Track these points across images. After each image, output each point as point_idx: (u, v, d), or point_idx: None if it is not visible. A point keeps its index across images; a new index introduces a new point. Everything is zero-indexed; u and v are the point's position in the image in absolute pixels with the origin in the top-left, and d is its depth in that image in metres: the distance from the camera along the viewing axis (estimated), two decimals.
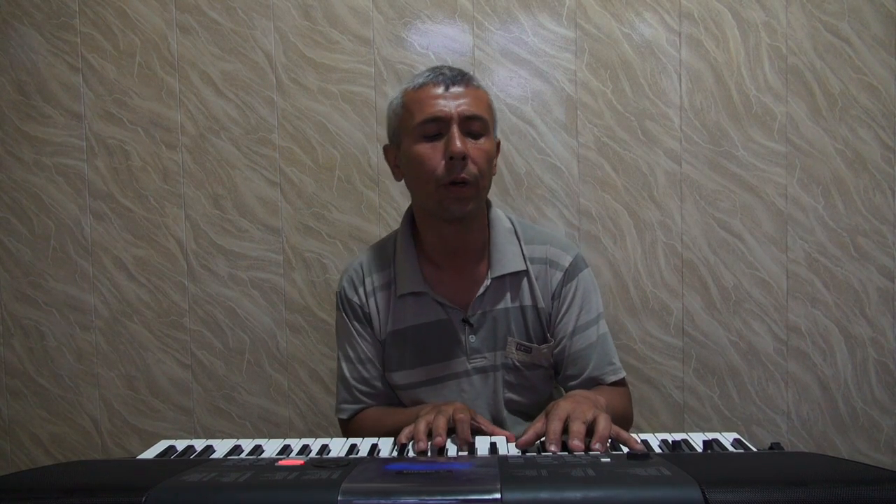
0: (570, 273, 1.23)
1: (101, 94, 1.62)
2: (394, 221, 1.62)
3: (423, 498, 0.65)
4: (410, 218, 1.25)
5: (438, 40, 1.60)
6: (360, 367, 1.24)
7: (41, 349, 1.67)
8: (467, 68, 1.58)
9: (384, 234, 1.61)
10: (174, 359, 1.66)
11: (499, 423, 1.22)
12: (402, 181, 1.21)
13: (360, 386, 1.24)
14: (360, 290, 1.24)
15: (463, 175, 1.10)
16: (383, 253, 1.26)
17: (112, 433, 1.67)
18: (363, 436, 1.10)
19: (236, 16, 1.60)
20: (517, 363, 1.22)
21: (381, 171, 1.61)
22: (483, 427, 1.01)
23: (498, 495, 0.65)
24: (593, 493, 0.65)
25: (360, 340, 1.24)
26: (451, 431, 1.23)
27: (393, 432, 1.02)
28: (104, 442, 1.67)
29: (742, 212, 1.61)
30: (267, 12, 1.60)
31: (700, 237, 1.61)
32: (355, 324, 1.24)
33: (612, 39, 1.59)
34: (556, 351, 1.25)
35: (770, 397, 1.63)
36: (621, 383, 1.26)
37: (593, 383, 1.24)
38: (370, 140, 1.61)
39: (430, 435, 0.95)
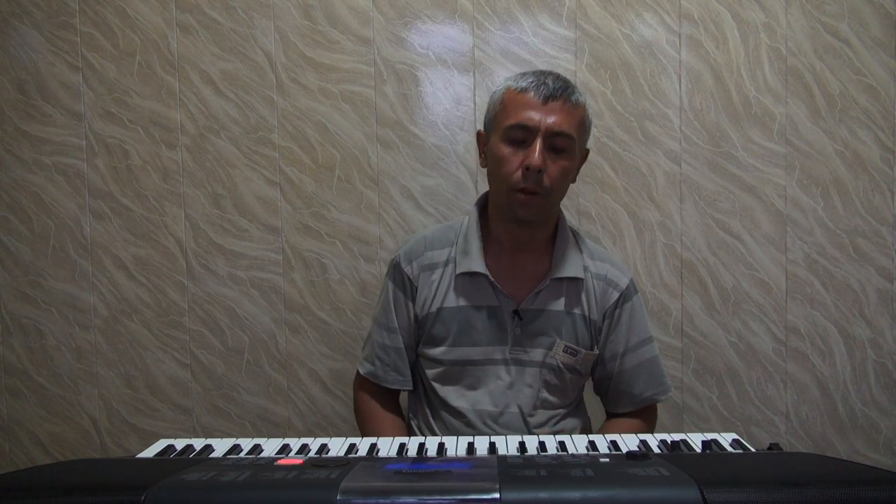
0: (626, 295, 1.29)
1: (101, 94, 1.62)
2: (393, 222, 1.62)
3: (421, 498, 0.66)
4: (483, 204, 1.31)
5: (439, 40, 1.60)
6: (385, 333, 1.31)
7: (40, 348, 1.67)
8: (467, 68, 1.58)
9: (384, 234, 1.62)
10: (173, 358, 1.66)
11: (526, 415, 1.26)
12: (485, 168, 1.26)
13: (379, 352, 1.31)
14: (415, 263, 1.29)
15: (534, 186, 1.15)
16: (448, 232, 1.31)
17: (111, 432, 1.67)
18: (360, 416, 1.34)
19: (236, 15, 1.60)
20: (561, 364, 1.26)
21: (381, 171, 1.61)
22: None
23: (497, 495, 0.65)
24: (592, 494, 0.65)
25: (394, 309, 1.30)
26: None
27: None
28: (103, 441, 1.67)
29: (741, 213, 1.61)
30: (267, 12, 1.60)
31: (699, 238, 1.62)
32: (398, 293, 1.29)
33: (611, 40, 1.59)
34: (604, 369, 1.31)
35: (769, 398, 1.63)
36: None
37: (645, 402, 1.31)
38: (370, 140, 1.61)
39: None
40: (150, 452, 0.94)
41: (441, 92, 1.60)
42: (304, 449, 0.94)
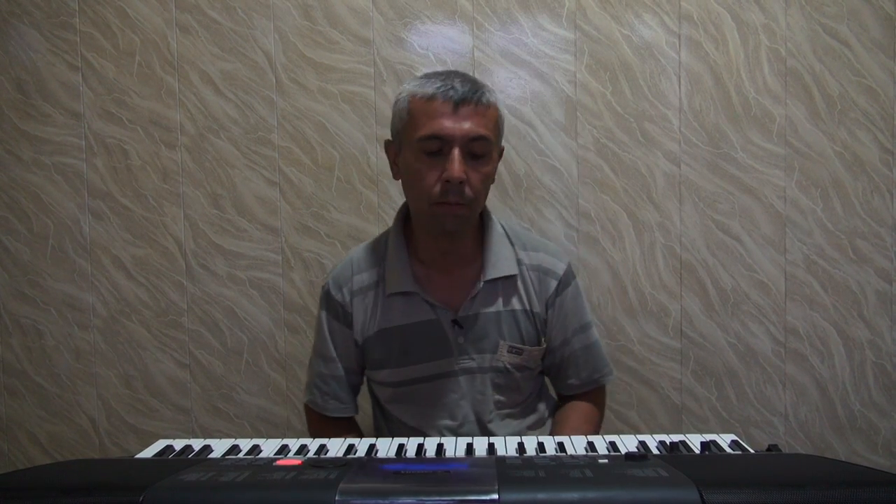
0: (565, 281, 1.26)
1: (101, 94, 1.62)
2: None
3: (420, 498, 0.66)
4: (404, 217, 1.26)
5: (438, 41, 1.60)
6: (321, 363, 1.28)
7: (39, 348, 1.66)
8: (467, 69, 1.58)
9: None
10: (172, 358, 1.66)
11: (485, 422, 1.24)
12: (398, 181, 1.21)
13: (318, 381, 1.28)
14: (345, 289, 1.24)
15: (457, 198, 1.10)
16: (374, 252, 1.26)
17: (110, 432, 1.67)
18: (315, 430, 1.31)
19: (236, 15, 1.60)
20: (508, 365, 1.23)
21: (381, 171, 1.61)
22: None
23: (495, 496, 0.65)
24: (590, 494, 0.65)
25: (329, 338, 1.26)
26: (451, 432, 1.24)
27: None
28: (102, 441, 1.67)
29: (741, 214, 1.61)
30: (267, 12, 1.60)
31: (699, 239, 1.62)
32: (332, 322, 1.26)
33: (611, 41, 1.59)
34: (554, 357, 1.28)
35: (768, 399, 1.63)
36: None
37: (593, 384, 1.30)
38: (369, 140, 1.61)
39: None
40: (148, 453, 0.94)
41: None
42: (302, 449, 0.94)
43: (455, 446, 0.95)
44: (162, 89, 1.62)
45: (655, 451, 0.90)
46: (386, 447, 0.95)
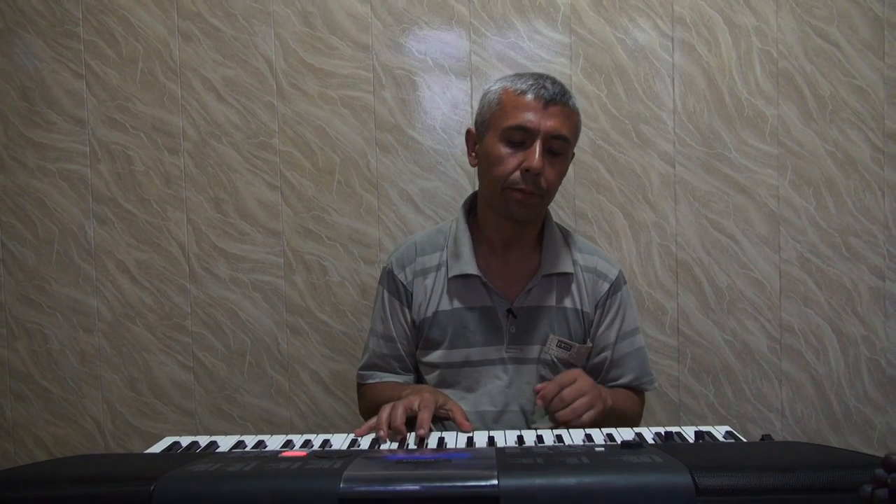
0: (616, 286, 1.32)
1: (105, 100, 1.65)
2: (393, 224, 1.64)
3: (423, 484, 0.68)
4: (470, 205, 1.33)
5: (436, 46, 1.63)
6: (382, 343, 1.33)
7: (45, 352, 1.69)
8: (464, 73, 1.61)
9: (384, 237, 1.64)
10: (176, 361, 1.68)
11: (528, 413, 1.29)
12: (475, 168, 1.29)
13: (377, 361, 1.33)
14: (408, 269, 1.31)
15: (532, 188, 1.18)
16: (437, 236, 1.33)
17: (115, 435, 1.69)
18: (367, 405, 1.29)
19: (237, 23, 1.63)
20: (555, 359, 1.28)
21: (380, 174, 1.64)
22: (453, 417, 1.06)
23: (495, 482, 0.67)
24: (587, 479, 0.68)
25: (390, 317, 1.31)
26: (492, 419, 1.28)
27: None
28: (107, 443, 1.69)
29: (735, 213, 1.64)
30: (267, 19, 1.63)
31: (694, 238, 1.64)
32: (393, 301, 1.31)
33: (606, 44, 1.62)
34: (597, 357, 1.32)
35: (764, 395, 1.65)
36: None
37: (634, 390, 1.34)
38: (369, 144, 1.64)
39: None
40: (156, 449, 0.96)
41: (439, 96, 1.63)
42: (307, 444, 0.97)
43: (456, 440, 0.97)
44: (165, 96, 1.64)
45: (651, 441, 0.93)
46: (388, 443, 0.97)
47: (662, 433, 0.95)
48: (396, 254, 1.34)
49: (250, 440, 0.99)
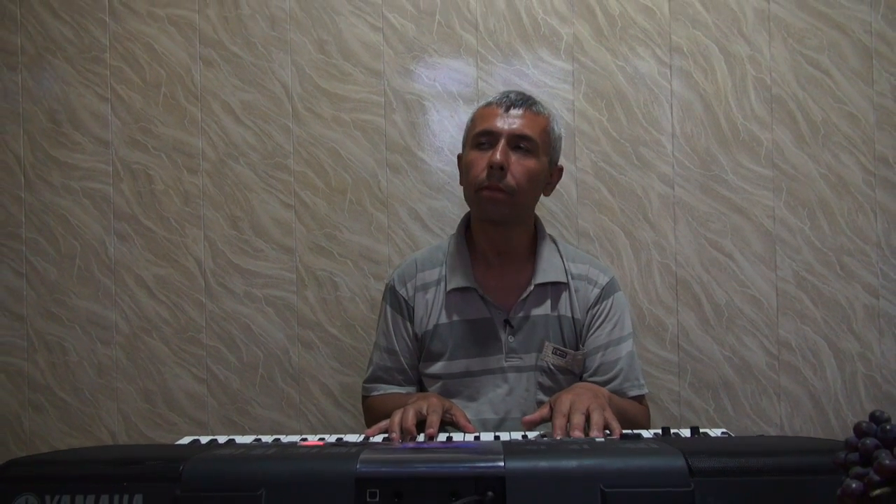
0: (607, 291, 1.36)
1: (128, 122, 1.73)
2: (402, 241, 1.70)
3: (433, 466, 0.73)
4: (466, 222, 1.41)
5: (445, 73, 1.71)
6: (385, 356, 1.38)
7: (63, 364, 1.74)
8: (472, 99, 1.69)
9: (393, 254, 1.71)
10: (190, 373, 1.73)
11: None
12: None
13: (381, 374, 1.39)
14: (409, 285, 1.37)
15: (497, 183, 1.23)
16: (436, 253, 1.40)
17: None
18: (372, 416, 1.31)
19: (256, 50, 1.72)
20: (552, 366, 1.32)
21: (390, 194, 1.71)
22: (458, 421, 1.10)
23: (501, 463, 0.72)
24: (587, 462, 0.72)
25: (393, 332, 1.37)
26: (493, 426, 1.32)
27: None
28: None
29: (732, 232, 1.69)
30: (285, 46, 1.71)
31: (693, 256, 1.70)
32: (396, 315, 1.37)
33: (607, 72, 1.70)
34: (586, 361, 1.35)
35: (763, 410, 1.69)
36: (640, 400, 1.36)
37: (622, 395, 1.33)
38: (380, 165, 1.71)
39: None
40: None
41: (447, 120, 1.71)
42: (322, 440, 1.01)
43: (463, 437, 1.01)
44: (185, 118, 1.72)
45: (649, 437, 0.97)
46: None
47: (660, 430, 0.99)
48: (398, 270, 1.41)
49: (267, 438, 1.03)
